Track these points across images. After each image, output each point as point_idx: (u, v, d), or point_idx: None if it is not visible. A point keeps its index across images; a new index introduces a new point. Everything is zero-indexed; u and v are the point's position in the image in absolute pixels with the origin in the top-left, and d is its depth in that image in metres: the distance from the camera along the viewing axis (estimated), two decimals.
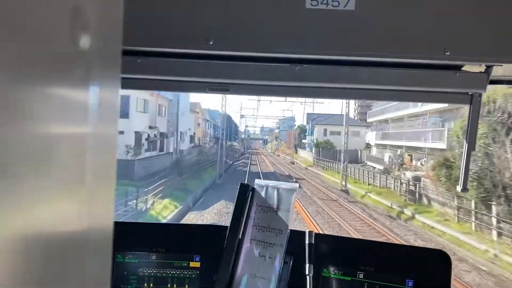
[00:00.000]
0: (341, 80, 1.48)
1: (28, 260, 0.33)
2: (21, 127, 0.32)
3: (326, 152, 47.70)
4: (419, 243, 14.30)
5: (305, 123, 72.11)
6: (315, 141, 53.63)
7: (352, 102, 49.24)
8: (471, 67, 1.44)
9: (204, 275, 1.65)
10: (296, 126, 79.61)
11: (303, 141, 69.34)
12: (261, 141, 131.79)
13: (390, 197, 22.43)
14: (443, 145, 24.02)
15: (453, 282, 1.47)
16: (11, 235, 0.31)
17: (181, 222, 15.69)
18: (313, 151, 52.76)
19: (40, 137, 0.35)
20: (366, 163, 39.10)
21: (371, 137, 44.09)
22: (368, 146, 44.99)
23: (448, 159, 18.51)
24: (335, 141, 47.46)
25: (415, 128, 32.19)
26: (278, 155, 74.71)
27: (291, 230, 1.56)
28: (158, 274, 1.66)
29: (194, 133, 47.46)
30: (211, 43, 1.33)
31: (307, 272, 1.52)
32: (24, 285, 0.33)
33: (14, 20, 0.30)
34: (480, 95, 1.49)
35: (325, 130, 54.29)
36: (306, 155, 60.84)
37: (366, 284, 1.51)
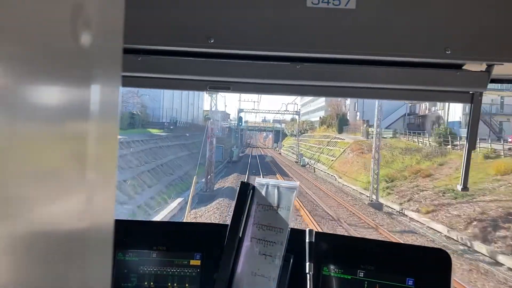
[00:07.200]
0: (341, 78, 1.48)
1: (29, 258, 0.33)
2: (22, 125, 0.32)
3: None
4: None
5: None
6: None
7: None
8: (472, 66, 1.43)
9: (205, 273, 1.65)
10: None
11: None
12: (265, 133, 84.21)
13: None
14: None
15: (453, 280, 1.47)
16: (12, 233, 0.31)
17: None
18: None
19: (40, 135, 0.35)
20: None
21: None
22: None
23: None
24: None
25: None
26: None
27: (291, 228, 1.56)
28: (159, 272, 1.66)
29: None
30: (212, 41, 1.33)
31: (307, 271, 1.52)
32: (25, 283, 0.33)
33: (15, 18, 0.30)
34: (481, 94, 1.49)
35: None
36: None
37: (366, 282, 1.51)
